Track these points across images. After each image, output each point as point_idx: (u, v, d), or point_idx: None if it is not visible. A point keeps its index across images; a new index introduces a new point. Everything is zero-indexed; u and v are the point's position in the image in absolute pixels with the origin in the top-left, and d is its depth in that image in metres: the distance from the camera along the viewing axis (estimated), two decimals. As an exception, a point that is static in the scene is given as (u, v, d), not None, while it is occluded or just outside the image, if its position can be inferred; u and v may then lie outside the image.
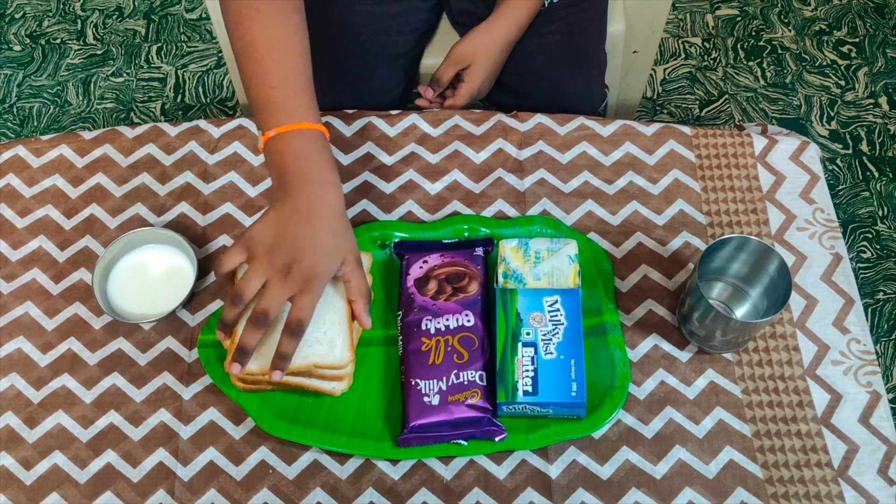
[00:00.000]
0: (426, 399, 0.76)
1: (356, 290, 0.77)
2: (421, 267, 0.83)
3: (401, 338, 0.80)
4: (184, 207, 0.92)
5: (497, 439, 0.76)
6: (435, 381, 0.76)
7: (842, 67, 1.78)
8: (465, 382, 0.76)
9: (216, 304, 0.86)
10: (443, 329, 0.79)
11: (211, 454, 0.78)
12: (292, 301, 0.73)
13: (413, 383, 0.77)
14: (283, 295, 0.73)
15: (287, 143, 0.75)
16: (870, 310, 1.49)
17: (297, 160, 0.75)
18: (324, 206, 0.74)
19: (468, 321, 0.79)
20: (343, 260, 0.75)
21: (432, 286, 0.81)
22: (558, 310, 0.78)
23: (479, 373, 0.77)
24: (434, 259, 0.84)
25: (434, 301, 0.81)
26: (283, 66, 0.78)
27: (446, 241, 0.86)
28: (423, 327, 0.79)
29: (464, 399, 0.75)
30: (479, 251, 0.85)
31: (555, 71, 1.07)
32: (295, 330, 0.73)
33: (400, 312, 0.82)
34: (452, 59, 1.03)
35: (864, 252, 1.55)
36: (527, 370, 0.76)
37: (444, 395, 0.76)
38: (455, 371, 0.77)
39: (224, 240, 0.89)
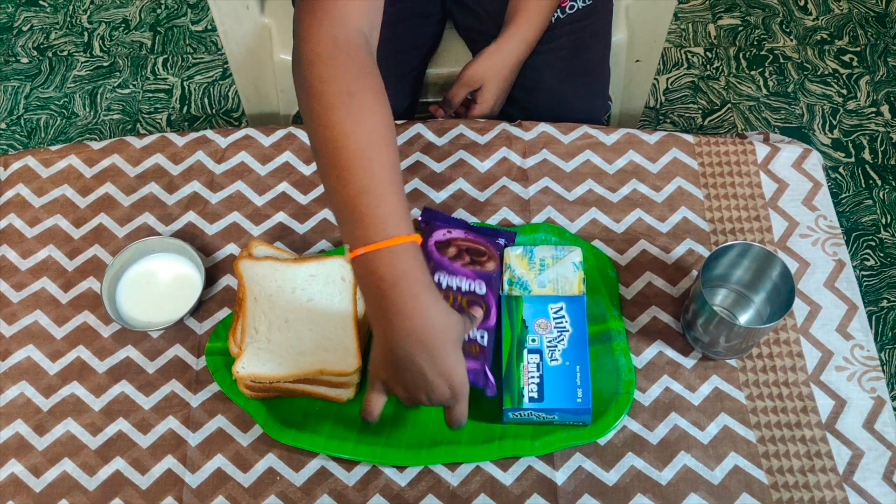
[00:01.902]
0: None
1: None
2: (444, 235, 0.84)
3: None
4: (191, 216, 0.92)
5: (489, 394, 0.76)
6: None
7: (843, 76, 1.78)
8: (467, 339, 0.77)
9: (223, 313, 0.86)
10: (454, 288, 0.80)
11: (219, 461, 0.79)
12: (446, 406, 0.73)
13: None
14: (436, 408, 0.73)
15: (380, 265, 0.67)
16: (874, 318, 1.50)
17: (395, 286, 0.67)
18: (433, 330, 0.68)
19: (480, 290, 0.80)
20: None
21: (452, 251, 0.82)
22: (563, 317, 0.79)
23: (482, 333, 0.78)
24: (458, 233, 0.85)
25: (451, 262, 0.81)
26: (375, 167, 0.69)
27: (472, 223, 0.88)
28: (436, 279, 0.80)
29: (467, 350, 0.76)
30: (501, 241, 0.86)
31: (560, 86, 1.08)
32: (457, 427, 0.74)
33: None
34: (464, 80, 1.04)
35: (868, 260, 1.56)
36: (532, 377, 0.76)
37: None
38: None
39: (231, 248, 0.90)
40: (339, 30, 0.72)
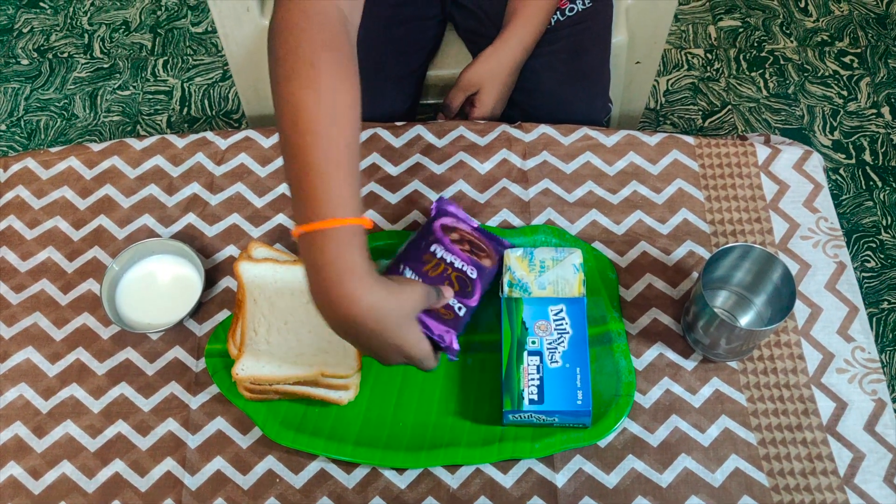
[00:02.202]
0: None
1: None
2: (452, 222, 0.84)
3: (404, 247, 0.81)
4: (191, 218, 0.92)
5: (449, 357, 0.76)
6: (421, 281, 0.77)
7: (844, 78, 1.78)
8: (446, 305, 0.76)
9: (223, 314, 0.86)
10: (448, 261, 0.80)
11: (218, 463, 0.78)
12: None
13: (400, 268, 0.78)
14: None
15: (314, 248, 0.65)
16: (874, 319, 1.49)
17: (323, 270, 0.65)
18: (366, 318, 0.66)
19: (471, 273, 0.80)
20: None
21: (455, 236, 0.82)
22: (563, 318, 0.79)
23: (460, 305, 0.77)
24: (464, 227, 0.85)
25: (452, 244, 0.81)
26: (323, 144, 0.66)
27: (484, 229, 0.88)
28: (431, 249, 0.80)
29: (442, 314, 0.76)
30: (502, 250, 0.86)
31: (560, 88, 1.08)
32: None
33: (414, 235, 0.83)
34: (462, 84, 1.04)
35: (869, 262, 1.56)
36: (532, 379, 0.76)
37: None
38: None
39: (231, 250, 0.90)
40: (313, 2, 0.70)
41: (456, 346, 0.75)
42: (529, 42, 1.03)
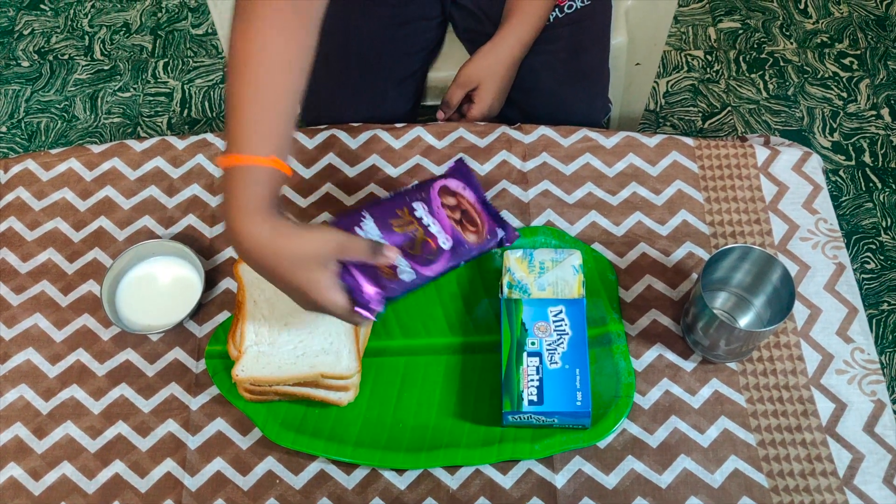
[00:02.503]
0: (357, 231, 0.74)
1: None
2: (458, 187, 0.82)
3: (390, 195, 0.80)
4: (191, 219, 0.92)
5: (364, 315, 0.73)
6: (379, 234, 0.74)
7: (843, 79, 1.79)
8: (394, 264, 0.74)
9: (223, 315, 0.86)
10: (424, 222, 0.77)
11: (218, 464, 0.79)
12: None
13: (361, 213, 0.75)
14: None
15: (224, 180, 0.69)
16: (874, 321, 1.49)
17: (221, 206, 0.68)
18: (262, 255, 0.69)
19: (443, 244, 0.77)
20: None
21: (451, 201, 0.80)
22: (563, 320, 0.79)
23: (410, 272, 0.74)
24: (470, 195, 0.82)
25: (442, 208, 0.79)
26: (245, 83, 0.69)
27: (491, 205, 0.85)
28: (413, 206, 0.77)
29: (381, 271, 0.73)
30: (500, 235, 0.82)
31: (559, 89, 1.08)
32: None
33: (410, 186, 0.81)
34: (460, 81, 1.04)
35: (868, 263, 1.56)
36: (532, 380, 0.76)
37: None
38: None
39: (231, 251, 0.90)
40: None
41: (377, 307, 0.72)
42: (528, 39, 1.03)
